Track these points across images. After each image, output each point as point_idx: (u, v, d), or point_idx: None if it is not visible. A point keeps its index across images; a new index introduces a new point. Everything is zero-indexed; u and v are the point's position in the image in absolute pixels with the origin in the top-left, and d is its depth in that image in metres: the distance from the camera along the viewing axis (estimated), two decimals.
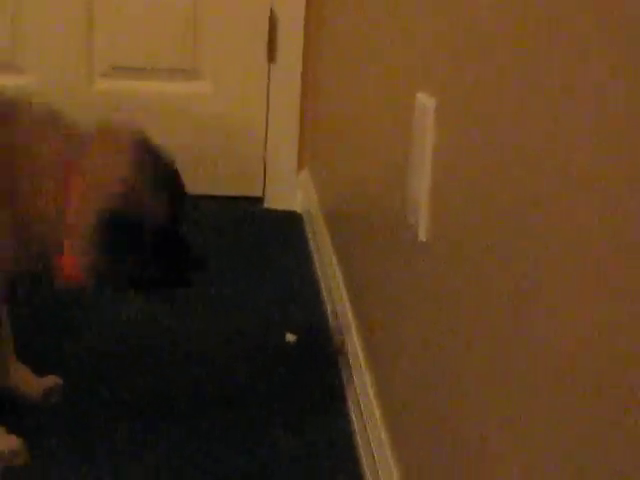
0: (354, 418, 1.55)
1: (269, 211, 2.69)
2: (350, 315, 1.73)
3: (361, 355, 1.57)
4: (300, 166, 2.72)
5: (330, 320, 1.93)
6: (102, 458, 1.43)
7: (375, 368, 1.48)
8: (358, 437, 1.50)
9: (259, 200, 2.73)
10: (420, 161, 1.17)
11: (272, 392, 1.65)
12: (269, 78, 2.65)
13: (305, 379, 1.70)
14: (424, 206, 1.15)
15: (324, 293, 2.06)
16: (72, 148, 1.34)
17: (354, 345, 1.63)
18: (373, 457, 1.37)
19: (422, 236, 1.15)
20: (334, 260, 2.00)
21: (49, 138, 1.33)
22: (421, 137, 1.17)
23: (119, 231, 1.33)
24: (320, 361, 1.76)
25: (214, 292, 2.05)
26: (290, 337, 1.83)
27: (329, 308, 1.98)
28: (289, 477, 1.41)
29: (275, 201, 2.71)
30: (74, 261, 1.34)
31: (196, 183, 1.61)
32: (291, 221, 2.60)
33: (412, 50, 1.30)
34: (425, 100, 1.16)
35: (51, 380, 1.58)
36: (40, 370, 1.59)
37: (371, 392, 1.45)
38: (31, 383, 1.56)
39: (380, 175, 1.52)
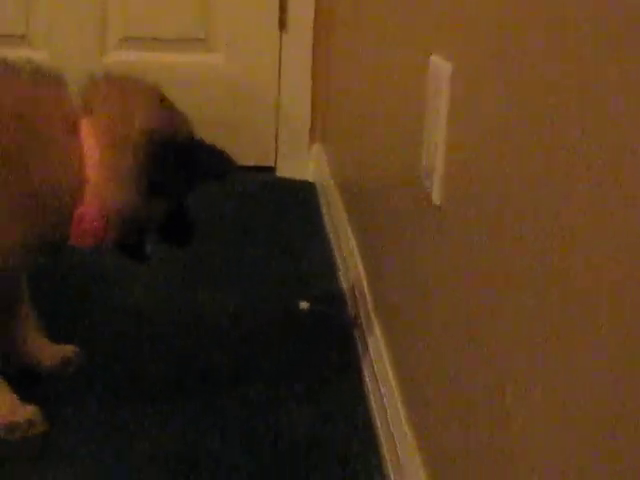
0: (369, 387, 1.55)
1: (282, 180, 2.68)
2: (365, 283, 1.72)
3: (376, 322, 1.57)
4: (312, 140, 2.71)
5: (345, 289, 1.93)
6: (119, 428, 1.43)
7: (390, 335, 1.47)
8: (373, 404, 1.50)
9: (271, 170, 2.73)
10: (434, 125, 1.16)
11: (287, 361, 1.65)
12: (281, 47, 2.64)
13: (319, 348, 1.70)
14: (438, 170, 1.14)
15: (339, 262, 2.06)
16: (72, 106, 1.32)
17: (369, 313, 1.63)
18: (388, 426, 1.37)
19: (437, 200, 1.15)
20: (348, 228, 1.99)
21: (45, 102, 1.31)
22: (435, 101, 1.16)
23: (165, 156, 1.33)
24: (334, 330, 1.76)
25: (228, 260, 2.05)
26: (304, 305, 1.83)
27: (343, 277, 1.97)
28: (304, 445, 1.41)
29: (287, 171, 2.70)
30: (96, 211, 1.32)
31: None
32: (304, 190, 2.59)
33: (426, 13, 1.29)
34: (440, 63, 1.15)
35: (69, 349, 1.58)
36: (58, 341, 1.59)
37: (386, 360, 1.45)
38: (49, 352, 1.56)
39: (394, 140, 1.51)
